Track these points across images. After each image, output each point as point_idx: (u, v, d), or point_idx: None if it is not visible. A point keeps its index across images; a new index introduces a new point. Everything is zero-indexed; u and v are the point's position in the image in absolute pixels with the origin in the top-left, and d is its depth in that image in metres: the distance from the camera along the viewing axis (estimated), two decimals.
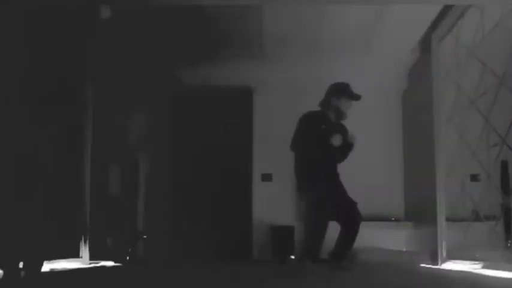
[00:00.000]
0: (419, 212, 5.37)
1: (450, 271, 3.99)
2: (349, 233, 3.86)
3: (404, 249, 5.45)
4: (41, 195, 2.93)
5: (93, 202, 4.55)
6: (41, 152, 2.92)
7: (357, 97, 4.03)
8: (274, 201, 5.84)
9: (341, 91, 4.05)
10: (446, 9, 4.44)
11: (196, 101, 6.15)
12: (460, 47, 4.24)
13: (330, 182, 3.90)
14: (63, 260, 3.97)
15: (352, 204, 3.91)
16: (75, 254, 4.27)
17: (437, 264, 4.46)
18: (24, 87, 2.96)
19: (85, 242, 4.38)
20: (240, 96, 6.11)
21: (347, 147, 4.06)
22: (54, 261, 3.74)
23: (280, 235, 5.61)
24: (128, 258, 5.02)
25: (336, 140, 3.85)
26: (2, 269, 2.83)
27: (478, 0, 3.86)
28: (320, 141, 3.88)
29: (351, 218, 3.88)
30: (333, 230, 3.84)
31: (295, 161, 4.07)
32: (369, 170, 5.63)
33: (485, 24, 3.83)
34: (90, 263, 4.36)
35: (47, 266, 3.44)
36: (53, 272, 3.41)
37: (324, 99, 4.10)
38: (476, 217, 4.09)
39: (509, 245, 4.42)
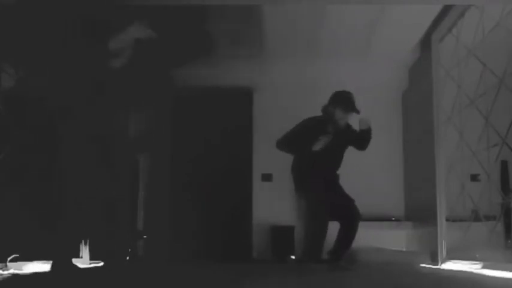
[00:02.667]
0: (419, 212, 5.37)
1: (450, 271, 3.98)
2: (348, 230, 3.87)
3: (404, 249, 5.45)
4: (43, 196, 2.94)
5: (93, 202, 4.54)
6: (42, 152, 2.92)
7: (352, 110, 3.95)
8: (274, 201, 5.84)
9: (337, 101, 3.99)
10: (446, 9, 4.44)
11: (196, 101, 6.15)
12: (460, 47, 4.24)
13: (326, 182, 3.89)
14: None
15: (350, 202, 3.91)
16: (75, 254, 4.26)
17: (437, 264, 4.46)
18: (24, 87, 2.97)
19: (85, 242, 4.37)
20: (240, 96, 6.11)
21: (364, 135, 4.06)
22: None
23: (280, 235, 5.61)
24: (128, 258, 5.01)
25: (317, 146, 3.83)
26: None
27: (478, 0, 3.86)
28: (310, 144, 3.87)
29: (349, 215, 3.88)
30: (333, 229, 3.85)
31: (293, 160, 4.07)
32: (369, 170, 5.63)
33: (485, 24, 3.83)
34: (90, 263, 4.36)
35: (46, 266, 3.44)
36: (52, 272, 3.40)
37: (325, 104, 4.08)
38: (476, 217, 4.09)
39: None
